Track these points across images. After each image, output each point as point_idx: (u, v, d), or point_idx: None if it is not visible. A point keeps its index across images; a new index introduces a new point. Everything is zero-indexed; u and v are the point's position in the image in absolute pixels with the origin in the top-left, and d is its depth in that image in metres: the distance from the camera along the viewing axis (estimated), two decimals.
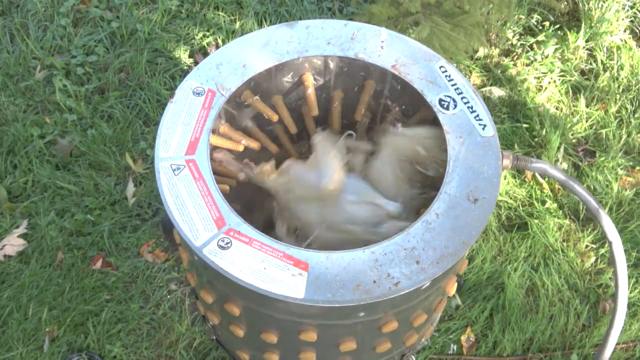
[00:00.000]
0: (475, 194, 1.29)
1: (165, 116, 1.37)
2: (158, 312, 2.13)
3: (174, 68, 2.66)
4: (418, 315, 1.40)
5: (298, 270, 1.18)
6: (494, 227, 2.33)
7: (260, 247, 1.21)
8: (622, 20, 2.89)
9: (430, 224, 1.26)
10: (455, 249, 1.23)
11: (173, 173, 1.29)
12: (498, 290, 2.21)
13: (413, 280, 1.19)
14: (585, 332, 2.16)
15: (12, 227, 2.26)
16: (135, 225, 2.30)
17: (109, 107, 2.54)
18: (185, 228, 1.23)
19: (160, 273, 2.20)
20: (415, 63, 1.49)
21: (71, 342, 2.06)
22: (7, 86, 2.59)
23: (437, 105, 1.42)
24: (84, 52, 2.71)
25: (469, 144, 1.36)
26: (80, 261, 2.20)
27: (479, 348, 2.11)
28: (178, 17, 2.84)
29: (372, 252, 1.22)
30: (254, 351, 1.54)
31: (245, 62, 1.47)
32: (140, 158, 2.42)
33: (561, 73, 2.75)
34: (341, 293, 1.16)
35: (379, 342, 1.43)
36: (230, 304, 1.34)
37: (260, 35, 1.52)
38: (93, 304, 2.12)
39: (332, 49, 1.51)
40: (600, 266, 2.29)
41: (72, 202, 2.31)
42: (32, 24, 2.78)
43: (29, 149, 2.42)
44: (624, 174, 2.49)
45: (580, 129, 2.60)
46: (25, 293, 2.12)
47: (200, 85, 1.42)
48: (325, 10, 2.90)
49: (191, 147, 1.33)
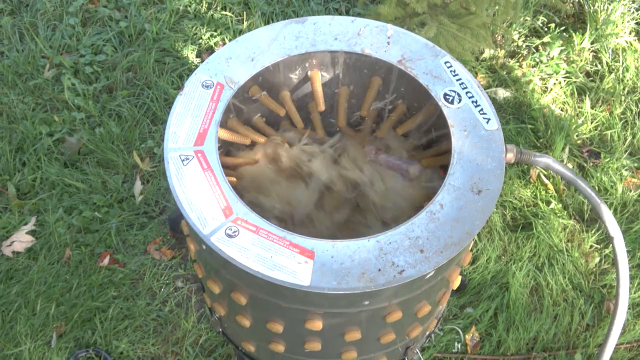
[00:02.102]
0: (479, 186, 1.31)
1: (175, 108, 1.39)
2: (164, 309, 2.14)
3: (182, 67, 2.69)
4: (422, 306, 1.41)
5: (304, 258, 1.20)
6: (499, 227, 2.34)
7: (267, 236, 1.23)
8: (628, 23, 2.90)
9: (434, 214, 1.27)
10: (459, 238, 1.24)
11: (182, 163, 1.31)
12: (502, 290, 2.22)
13: (417, 268, 1.20)
14: (590, 332, 2.17)
15: (20, 223, 2.28)
16: (142, 223, 2.31)
17: (117, 106, 2.57)
18: (193, 217, 1.24)
19: (167, 270, 2.22)
20: (420, 58, 1.50)
21: (78, 338, 2.08)
22: (17, 84, 2.62)
23: (442, 99, 1.44)
24: (93, 52, 2.73)
25: (473, 137, 1.38)
26: (87, 258, 2.22)
27: (483, 347, 2.12)
28: (186, 17, 2.87)
29: (377, 241, 1.23)
30: (260, 342, 1.56)
31: (254, 57, 1.49)
32: (147, 156, 2.44)
33: (566, 75, 2.76)
34: (346, 281, 1.18)
35: (383, 333, 1.44)
36: (237, 293, 1.35)
37: (269, 31, 1.54)
38: (100, 301, 2.14)
39: (339, 44, 1.53)
40: (604, 266, 2.29)
41: (80, 200, 2.33)
42: (41, 23, 2.81)
43: (37, 147, 2.44)
44: (629, 175, 2.50)
45: (585, 130, 2.61)
46: (34, 289, 2.14)
47: (209, 79, 1.44)
48: (332, 11, 2.92)
49: (200, 138, 1.35)
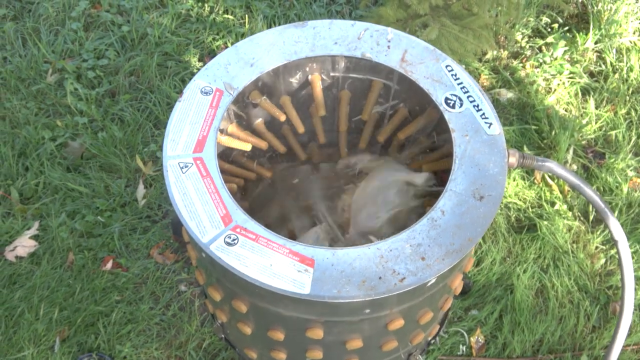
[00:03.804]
0: (481, 192, 1.29)
1: (174, 115, 1.38)
2: (168, 313, 2.14)
3: (184, 71, 2.68)
4: (424, 313, 1.40)
5: (304, 267, 1.19)
6: (503, 229, 2.33)
7: (267, 244, 1.22)
8: (632, 22, 2.88)
9: (435, 220, 1.26)
10: (460, 245, 1.23)
11: (181, 171, 1.30)
12: (507, 292, 2.21)
13: (418, 276, 1.19)
14: (596, 334, 2.15)
15: (23, 228, 2.28)
16: (145, 227, 2.31)
17: (119, 110, 2.56)
18: (192, 225, 1.23)
19: (170, 274, 2.21)
20: (421, 62, 1.49)
21: (82, 343, 2.08)
22: (19, 90, 2.62)
23: (443, 103, 1.42)
24: (95, 56, 2.73)
25: (474, 142, 1.37)
26: (90, 262, 2.21)
27: (488, 349, 2.11)
28: (188, 20, 2.86)
29: (377, 249, 1.22)
30: (262, 349, 1.55)
31: (253, 62, 1.48)
32: (150, 160, 2.44)
33: (570, 75, 2.75)
34: (347, 289, 1.17)
35: (385, 341, 1.43)
36: (238, 301, 1.35)
37: (268, 36, 1.52)
38: (103, 305, 2.13)
39: (339, 48, 1.52)
40: (610, 267, 2.28)
41: (83, 204, 2.33)
42: (44, 29, 2.81)
43: (40, 152, 2.44)
44: (634, 175, 2.48)
45: (590, 130, 2.59)
46: (37, 294, 2.14)
47: (208, 85, 1.43)
48: (334, 14, 2.91)
49: (199, 145, 1.34)
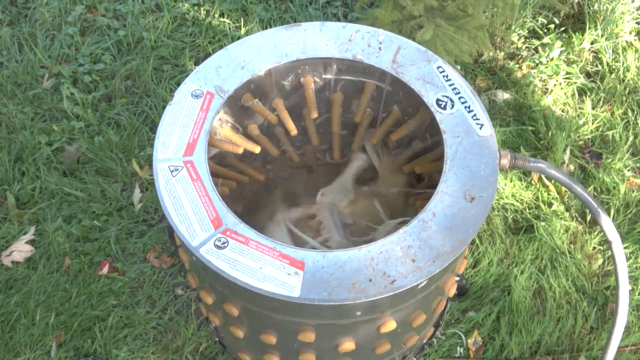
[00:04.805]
0: (472, 193, 1.29)
1: (164, 118, 1.38)
2: (164, 317, 2.13)
3: (180, 75, 2.68)
4: (417, 316, 1.40)
5: (294, 269, 1.19)
6: (501, 230, 2.32)
7: (257, 247, 1.22)
8: (628, 22, 2.88)
9: (426, 222, 1.25)
10: (452, 247, 1.23)
11: (171, 174, 1.30)
12: (505, 293, 2.20)
13: (409, 278, 1.19)
14: (593, 335, 2.14)
15: (20, 233, 2.28)
16: (141, 231, 2.31)
17: (115, 114, 2.56)
18: (182, 228, 1.23)
19: (167, 278, 2.21)
20: (412, 64, 1.49)
21: (78, 347, 2.08)
22: (16, 95, 2.62)
23: (435, 105, 1.42)
24: (91, 60, 2.73)
25: (466, 143, 1.36)
26: (87, 267, 2.21)
27: (486, 351, 2.10)
28: (184, 24, 2.86)
29: (368, 251, 1.22)
30: (255, 353, 1.55)
31: (244, 65, 1.48)
32: (146, 164, 2.44)
33: (567, 75, 2.74)
34: (337, 292, 1.16)
35: (378, 343, 1.43)
36: (229, 304, 1.34)
37: (259, 38, 1.52)
38: (100, 309, 2.13)
39: (330, 50, 1.52)
40: (607, 268, 2.27)
41: (79, 209, 2.33)
42: (40, 33, 2.81)
43: (36, 156, 2.44)
44: (631, 175, 2.47)
45: (587, 131, 2.59)
46: (33, 299, 2.13)
47: (199, 88, 1.43)
48: (330, 16, 2.91)
49: (189, 149, 1.34)
